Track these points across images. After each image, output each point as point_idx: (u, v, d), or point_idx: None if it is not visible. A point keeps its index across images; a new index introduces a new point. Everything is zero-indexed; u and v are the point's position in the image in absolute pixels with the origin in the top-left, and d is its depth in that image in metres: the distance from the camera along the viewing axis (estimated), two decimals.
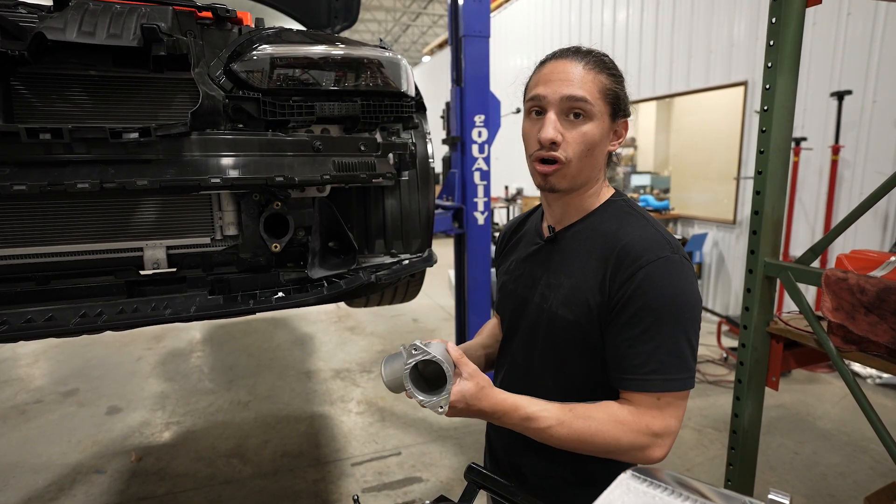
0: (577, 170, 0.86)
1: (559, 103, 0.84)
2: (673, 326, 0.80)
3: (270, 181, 1.13)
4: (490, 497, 1.09)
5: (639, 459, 0.82)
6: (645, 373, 0.81)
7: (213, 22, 1.22)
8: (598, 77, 0.84)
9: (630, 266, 0.82)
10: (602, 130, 0.85)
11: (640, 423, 0.80)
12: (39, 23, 1.00)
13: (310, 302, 1.24)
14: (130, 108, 1.19)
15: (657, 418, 0.80)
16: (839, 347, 1.29)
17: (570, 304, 0.88)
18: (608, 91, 0.85)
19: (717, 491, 0.62)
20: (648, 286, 0.80)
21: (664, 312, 0.80)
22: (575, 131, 0.84)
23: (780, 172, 1.43)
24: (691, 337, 0.82)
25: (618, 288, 0.83)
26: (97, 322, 1.06)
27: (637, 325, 0.81)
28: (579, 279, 0.88)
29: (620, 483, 0.63)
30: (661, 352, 0.80)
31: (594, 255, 0.88)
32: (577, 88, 0.83)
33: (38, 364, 4.19)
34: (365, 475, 2.64)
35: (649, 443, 0.80)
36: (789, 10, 1.35)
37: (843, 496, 2.37)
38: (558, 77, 0.84)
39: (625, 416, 0.81)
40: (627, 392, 0.83)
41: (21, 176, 0.96)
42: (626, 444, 0.80)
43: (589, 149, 0.85)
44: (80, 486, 2.58)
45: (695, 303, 0.83)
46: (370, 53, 1.31)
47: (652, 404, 0.81)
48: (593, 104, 0.83)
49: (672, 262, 0.82)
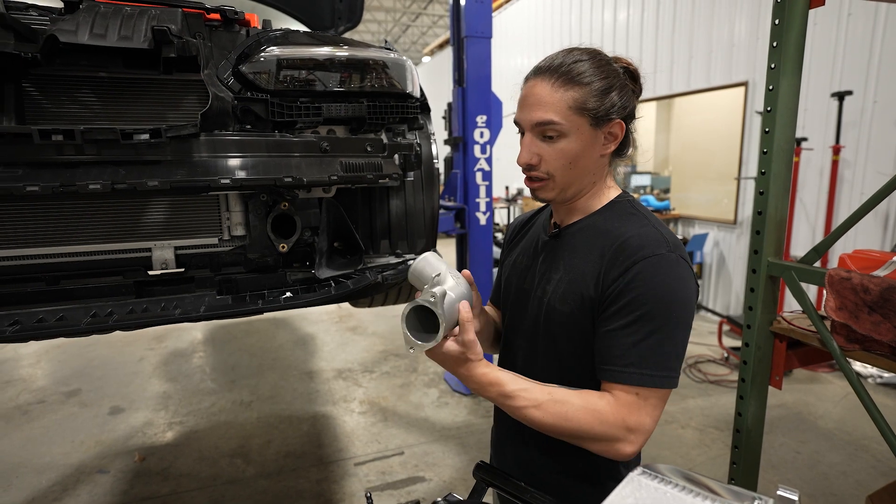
0: (562, 182, 0.90)
1: (531, 129, 0.88)
2: (660, 323, 0.81)
3: (279, 182, 1.14)
4: (497, 495, 1.10)
5: (609, 452, 0.82)
6: (623, 364, 0.81)
7: (221, 24, 1.23)
8: (566, 94, 0.85)
9: (625, 261, 0.83)
10: (582, 142, 0.87)
11: (616, 416, 0.80)
12: (51, 25, 1.00)
13: (318, 302, 1.25)
14: (139, 110, 1.20)
15: (633, 413, 0.80)
16: (842, 346, 1.30)
17: (566, 298, 0.90)
18: (580, 104, 0.85)
19: (726, 487, 0.63)
20: (640, 282, 0.81)
21: (652, 309, 0.81)
22: (552, 148, 0.87)
23: (783, 173, 1.44)
24: (678, 336, 0.83)
25: (611, 282, 0.84)
26: (108, 322, 1.07)
27: (623, 317, 0.82)
28: (577, 274, 0.90)
29: (631, 480, 0.64)
30: (642, 346, 0.81)
31: (594, 251, 0.90)
32: (545, 112, 0.85)
33: (39, 364, 4.19)
34: (368, 475, 2.64)
35: (621, 436, 0.80)
36: (793, 12, 1.36)
37: (845, 495, 2.38)
38: (529, 102, 0.88)
39: (602, 406, 0.81)
40: (607, 383, 0.84)
41: (33, 177, 0.96)
42: (598, 434, 0.80)
43: (570, 162, 0.88)
44: (83, 486, 2.59)
45: (686, 302, 0.83)
46: (376, 55, 1.32)
47: (630, 399, 0.81)
48: (563, 122, 0.85)
49: (667, 259, 0.83)
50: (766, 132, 1.44)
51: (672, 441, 2.88)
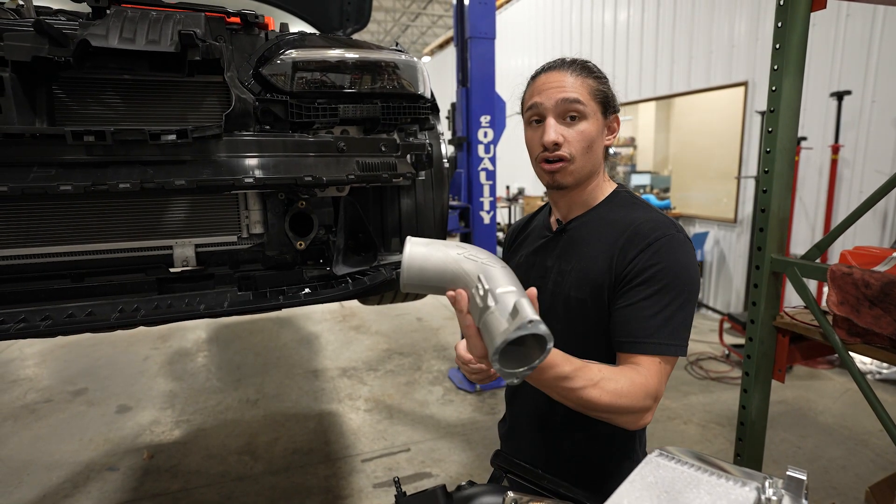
0: (580, 165, 0.95)
1: (556, 108, 0.93)
2: (676, 296, 0.87)
3: (300, 181, 1.17)
4: (512, 483, 1.13)
5: (636, 423, 0.85)
6: (646, 335, 0.86)
7: (241, 27, 1.27)
8: (586, 80, 0.93)
9: (641, 241, 0.89)
10: (597, 127, 0.94)
11: (647, 386, 0.83)
12: (81, 30, 1.04)
13: (336, 298, 1.28)
14: (162, 111, 1.23)
15: (656, 381, 0.84)
16: (844, 340, 1.34)
17: (581, 285, 0.95)
18: (597, 91, 0.94)
19: (738, 468, 0.66)
20: (659, 257, 0.87)
21: (671, 282, 0.87)
22: (573, 130, 0.93)
23: (786, 171, 1.48)
24: (689, 308, 0.89)
25: (628, 262, 0.89)
26: (136, 317, 1.10)
27: (644, 290, 0.87)
28: (588, 262, 0.95)
29: (650, 461, 0.68)
30: (661, 317, 0.86)
31: (603, 240, 0.95)
32: (571, 92, 0.92)
33: (45, 364, 4.22)
34: (375, 471, 2.68)
35: (650, 406, 0.84)
36: (795, 15, 1.40)
37: (845, 488, 2.42)
38: (552, 86, 0.93)
39: (639, 378, 0.84)
40: (631, 355, 0.87)
41: (66, 176, 1.00)
42: (639, 408, 0.83)
43: (588, 144, 0.94)
44: (94, 483, 2.62)
45: (696, 277, 0.91)
46: (391, 57, 1.36)
47: (655, 367, 0.85)
48: (586, 104, 0.92)
49: (678, 239, 0.90)
50: (769, 132, 1.48)
51: (675, 437, 2.92)
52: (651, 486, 0.62)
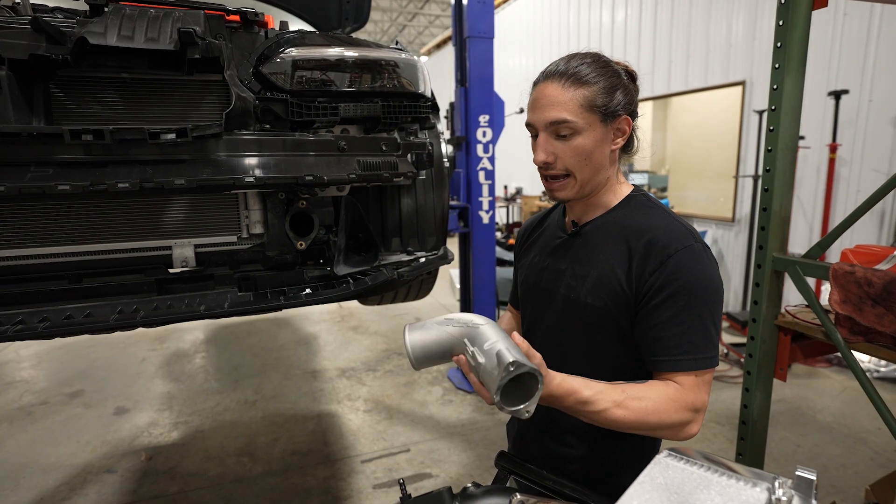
0: (581, 179, 0.94)
1: (545, 128, 0.92)
2: (701, 309, 0.86)
3: (301, 180, 1.16)
4: (517, 484, 1.12)
5: (679, 436, 0.87)
6: (679, 354, 0.86)
7: (241, 25, 1.26)
8: (577, 93, 0.89)
9: (659, 255, 0.88)
10: (594, 138, 0.91)
11: (685, 401, 0.85)
12: (78, 27, 1.02)
13: (337, 298, 1.27)
14: (161, 110, 1.22)
15: (696, 395, 0.86)
16: (846, 338, 1.34)
17: (598, 292, 0.93)
18: (590, 102, 0.90)
19: (747, 468, 0.66)
20: (678, 273, 0.86)
21: (694, 296, 0.86)
22: (567, 146, 0.91)
23: (787, 170, 1.48)
24: (717, 317, 0.89)
25: (647, 277, 0.88)
26: (135, 318, 1.09)
27: (668, 308, 0.86)
28: (605, 269, 0.93)
29: (658, 462, 0.67)
30: (693, 334, 0.86)
31: (619, 246, 0.93)
32: (558, 111, 0.89)
33: (41, 366, 4.19)
34: (375, 472, 2.67)
35: (691, 418, 0.86)
36: (796, 14, 1.39)
37: (845, 486, 2.43)
38: (541, 104, 0.92)
39: (672, 394, 0.85)
40: (666, 373, 0.88)
41: (64, 176, 0.98)
42: (674, 421, 0.85)
43: (584, 158, 0.92)
44: (91, 485, 2.60)
45: (719, 286, 0.90)
46: (392, 55, 1.35)
47: (691, 382, 0.86)
48: (576, 120, 0.89)
49: (696, 250, 0.88)
50: (770, 130, 1.47)
51: None
52: (661, 488, 0.62)
